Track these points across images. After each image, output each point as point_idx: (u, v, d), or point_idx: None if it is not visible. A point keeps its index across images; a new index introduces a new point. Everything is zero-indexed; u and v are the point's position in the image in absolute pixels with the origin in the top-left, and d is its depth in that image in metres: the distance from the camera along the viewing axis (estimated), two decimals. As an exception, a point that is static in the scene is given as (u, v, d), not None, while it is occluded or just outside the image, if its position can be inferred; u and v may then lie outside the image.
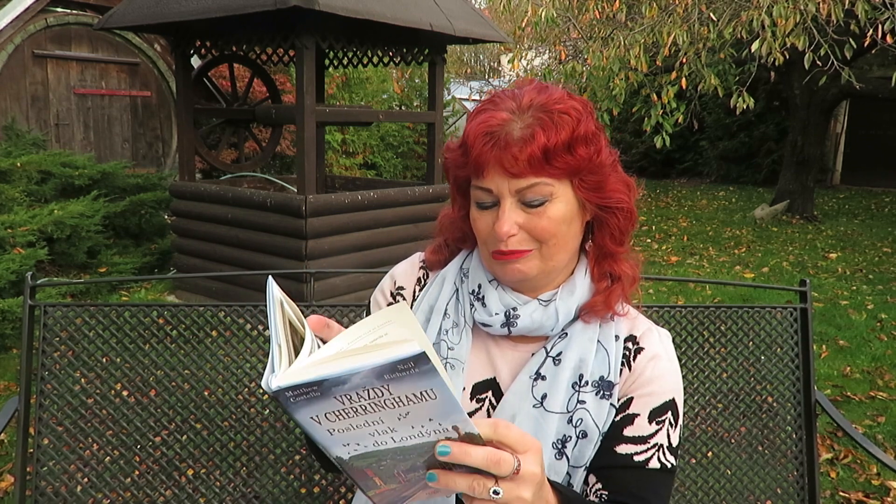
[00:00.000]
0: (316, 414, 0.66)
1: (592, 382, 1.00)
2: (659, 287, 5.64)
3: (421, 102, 11.48)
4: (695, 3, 5.52)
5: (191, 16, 4.09)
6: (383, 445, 0.69)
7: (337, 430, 0.67)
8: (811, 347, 1.80)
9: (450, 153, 1.00)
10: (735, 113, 6.68)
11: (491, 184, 0.94)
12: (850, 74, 5.76)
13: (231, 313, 1.68)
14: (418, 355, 0.61)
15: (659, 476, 0.98)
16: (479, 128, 0.93)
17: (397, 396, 0.64)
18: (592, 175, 0.95)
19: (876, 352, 4.40)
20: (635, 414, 1.00)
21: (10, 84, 6.53)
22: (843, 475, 2.92)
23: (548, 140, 0.90)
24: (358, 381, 0.63)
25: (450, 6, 4.64)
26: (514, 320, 1.00)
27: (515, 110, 0.93)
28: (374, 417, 0.66)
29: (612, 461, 0.98)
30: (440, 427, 0.68)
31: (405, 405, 0.65)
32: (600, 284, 1.03)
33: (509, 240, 0.94)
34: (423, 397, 0.65)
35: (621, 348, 1.02)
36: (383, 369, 0.62)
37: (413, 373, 0.62)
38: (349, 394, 0.64)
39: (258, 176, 5.69)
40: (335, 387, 0.63)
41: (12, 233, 4.46)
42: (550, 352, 1.01)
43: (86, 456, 1.57)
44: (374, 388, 0.63)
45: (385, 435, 0.68)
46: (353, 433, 0.68)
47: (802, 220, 9.35)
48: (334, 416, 0.66)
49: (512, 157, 0.90)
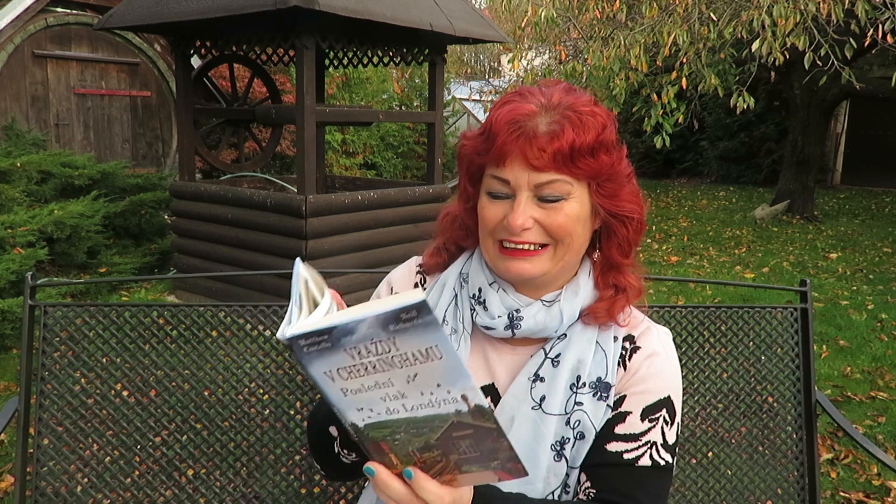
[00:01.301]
0: (328, 369, 0.68)
1: (590, 384, 0.99)
2: (659, 287, 5.64)
3: (421, 102, 11.48)
4: (695, 2, 5.52)
5: (191, 16, 4.09)
6: (395, 414, 0.71)
7: (350, 391, 0.70)
8: (811, 347, 1.80)
9: (468, 140, 0.99)
10: (735, 113, 6.68)
11: (510, 174, 0.93)
12: (850, 74, 5.75)
13: (231, 313, 1.68)
14: (420, 303, 0.63)
15: (651, 474, 0.98)
16: (507, 116, 0.92)
17: (404, 353, 0.66)
18: (610, 182, 0.95)
19: (876, 352, 4.40)
20: (627, 412, 0.99)
21: (10, 84, 6.53)
22: (843, 475, 2.92)
23: (575, 138, 0.90)
24: (365, 330, 0.65)
25: (450, 6, 4.64)
26: (517, 322, 0.99)
27: (544, 105, 0.92)
28: (384, 378, 0.68)
29: (601, 459, 0.98)
30: (449, 396, 0.69)
31: (412, 364, 0.67)
32: (605, 292, 1.02)
33: (523, 233, 0.93)
34: (429, 356, 0.66)
35: (619, 348, 1.02)
36: (388, 318, 0.64)
37: (417, 323, 0.64)
38: (358, 347, 0.66)
39: (258, 176, 5.69)
40: (344, 337, 0.66)
41: (12, 233, 4.46)
42: (549, 353, 1.01)
43: (86, 456, 1.57)
44: (381, 342, 0.66)
45: (396, 401, 0.70)
46: (365, 396, 0.70)
47: (803, 221, 9.35)
48: (346, 374, 0.69)
49: (538, 150, 0.90)
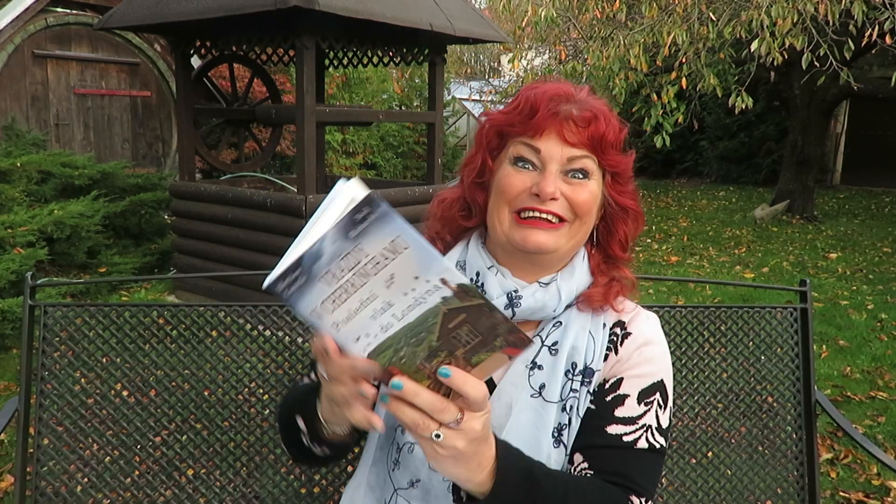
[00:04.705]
0: (313, 306, 0.69)
1: (580, 370, 1.01)
2: (659, 287, 5.64)
3: (421, 102, 11.48)
4: (695, 2, 5.52)
5: (191, 16, 4.09)
6: (390, 329, 0.71)
7: (341, 322, 0.71)
8: (811, 347, 1.80)
9: (498, 113, 1.03)
10: (735, 113, 6.68)
11: (543, 145, 0.96)
12: (848, 75, 5.76)
13: (231, 313, 1.68)
14: (367, 196, 0.64)
15: (647, 455, 0.99)
16: (550, 91, 0.97)
17: (373, 256, 0.67)
18: (622, 178, 1.03)
19: (876, 352, 4.40)
20: (626, 395, 1.01)
21: (10, 84, 6.53)
22: (843, 475, 2.92)
23: (607, 130, 0.97)
24: (330, 247, 0.66)
25: (450, 6, 4.64)
26: (517, 301, 1.00)
27: (578, 92, 0.99)
28: (366, 293, 0.69)
29: (601, 441, 0.99)
30: (430, 285, 0.68)
31: (385, 265, 0.67)
32: (601, 279, 1.05)
33: (550, 202, 0.96)
34: (395, 249, 0.66)
35: (608, 335, 1.04)
36: (345, 224, 0.65)
37: (372, 219, 0.65)
38: (331, 270, 0.67)
39: (258, 176, 5.69)
40: (314, 264, 0.67)
41: (12, 233, 4.46)
42: (546, 340, 1.02)
43: (86, 456, 1.57)
44: (349, 254, 0.66)
45: (385, 314, 0.70)
46: (357, 322, 0.70)
47: (802, 220, 9.35)
48: (331, 305, 0.69)
49: (576, 127, 0.96)
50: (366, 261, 0.67)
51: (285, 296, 0.69)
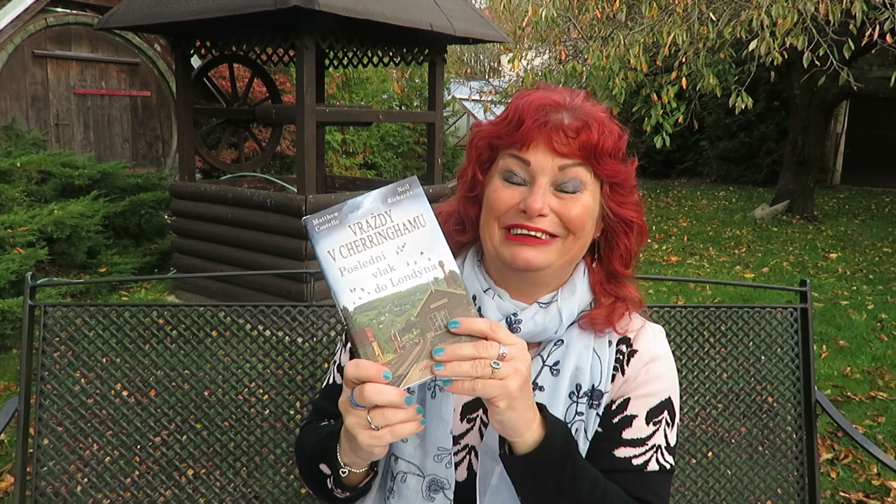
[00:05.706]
0: (332, 247, 0.79)
1: (585, 392, 0.98)
2: (659, 287, 5.64)
3: (421, 102, 11.48)
4: (695, 2, 5.52)
5: (190, 16, 4.09)
6: (383, 291, 0.79)
7: (347, 269, 0.79)
8: (811, 347, 1.80)
9: (487, 125, 0.99)
10: (735, 113, 6.68)
11: (532, 157, 0.92)
12: (848, 75, 5.75)
13: (231, 313, 1.68)
14: (413, 179, 0.80)
15: (658, 477, 0.97)
16: (537, 101, 0.93)
17: (397, 223, 0.80)
18: (621, 188, 0.97)
19: (876, 352, 4.40)
20: (633, 415, 0.98)
21: (10, 84, 6.53)
22: (843, 475, 2.92)
23: (600, 138, 0.92)
24: (369, 204, 0.80)
25: (450, 6, 4.64)
26: (516, 325, 0.97)
27: (570, 102, 0.94)
28: (378, 252, 0.79)
29: (610, 465, 0.96)
30: (430, 263, 0.79)
31: (402, 234, 0.80)
32: (604, 300, 1.01)
33: (538, 219, 0.92)
34: (416, 224, 0.80)
35: (614, 353, 1.00)
36: (388, 192, 0.80)
37: (409, 195, 0.80)
38: (360, 222, 0.79)
39: (258, 176, 5.69)
40: (351, 213, 0.79)
41: (12, 233, 4.46)
42: (547, 360, 0.99)
43: (86, 456, 1.57)
44: (379, 215, 0.80)
45: (384, 276, 0.79)
46: (360, 274, 0.79)
47: (802, 220, 9.35)
48: (346, 251, 0.79)
49: (565, 137, 0.91)
50: (389, 224, 0.79)
51: (314, 231, 0.79)
